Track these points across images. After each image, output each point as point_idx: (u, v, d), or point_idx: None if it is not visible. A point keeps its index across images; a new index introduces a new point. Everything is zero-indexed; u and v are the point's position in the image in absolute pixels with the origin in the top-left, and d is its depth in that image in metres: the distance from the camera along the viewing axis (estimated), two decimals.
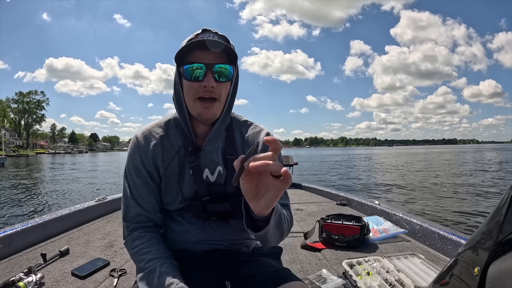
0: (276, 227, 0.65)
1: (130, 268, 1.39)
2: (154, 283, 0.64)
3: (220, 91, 0.70)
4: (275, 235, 0.68)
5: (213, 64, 0.68)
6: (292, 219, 0.78)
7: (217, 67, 0.68)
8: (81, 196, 8.79)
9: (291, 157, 5.28)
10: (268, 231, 0.62)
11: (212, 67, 0.68)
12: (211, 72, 0.68)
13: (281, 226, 0.67)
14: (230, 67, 0.70)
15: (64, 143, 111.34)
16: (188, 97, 0.71)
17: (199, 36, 0.69)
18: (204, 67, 0.68)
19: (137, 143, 0.77)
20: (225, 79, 0.70)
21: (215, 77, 0.68)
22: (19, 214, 6.37)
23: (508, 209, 0.44)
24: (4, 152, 32.32)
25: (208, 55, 0.68)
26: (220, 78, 0.69)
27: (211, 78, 0.68)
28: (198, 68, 0.68)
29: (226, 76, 0.70)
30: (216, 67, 0.68)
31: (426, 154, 45.58)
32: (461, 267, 0.57)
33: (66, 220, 2.02)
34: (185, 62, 0.69)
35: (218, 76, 0.68)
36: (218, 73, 0.68)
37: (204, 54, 0.68)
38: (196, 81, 0.68)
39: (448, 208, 6.49)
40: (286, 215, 0.73)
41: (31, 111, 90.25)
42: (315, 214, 2.48)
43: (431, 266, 1.33)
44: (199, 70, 0.68)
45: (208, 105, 0.70)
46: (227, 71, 0.70)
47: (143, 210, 0.75)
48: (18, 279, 1.16)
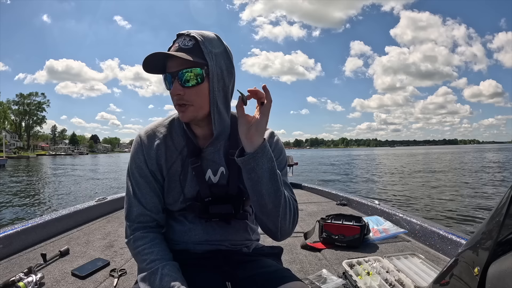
0: (271, 161, 0.67)
1: (130, 268, 1.38)
2: (155, 285, 0.64)
3: (192, 97, 0.68)
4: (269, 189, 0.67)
5: (176, 71, 0.67)
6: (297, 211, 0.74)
7: (181, 73, 0.66)
8: (81, 196, 8.80)
9: (291, 157, 5.30)
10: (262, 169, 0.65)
11: (176, 75, 0.67)
12: (176, 80, 0.67)
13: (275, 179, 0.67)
14: (198, 70, 0.67)
15: (64, 145, 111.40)
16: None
17: (174, 43, 0.69)
18: (170, 76, 0.68)
19: (140, 143, 0.77)
20: (193, 83, 0.67)
21: (181, 84, 0.67)
22: (19, 215, 6.37)
23: (508, 209, 0.44)
24: (5, 154, 32.34)
25: (173, 63, 0.67)
26: (186, 83, 0.67)
27: (177, 86, 0.67)
28: (166, 79, 0.69)
29: (193, 80, 0.67)
30: (180, 74, 0.67)
31: (427, 155, 45.54)
32: (461, 267, 0.57)
33: (66, 220, 2.02)
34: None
35: (184, 82, 0.67)
36: (183, 79, 0.67)
37: (171, 63, 0.68)
38: (170, 90, 0.69)
39: (448, 208, 6.49)
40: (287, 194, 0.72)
41: (32, 112, 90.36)
42: (315, 214, 2.48)
43: (431, 266, 1.33)
44: (167, 81, 0.69)
45: (182, 109, 0.69)
46: (192, 75, 0.67)
47: (146, 210, 0.75)
48: (18, 279, 1.16)
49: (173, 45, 0.69)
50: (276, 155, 0.78)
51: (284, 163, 0.82)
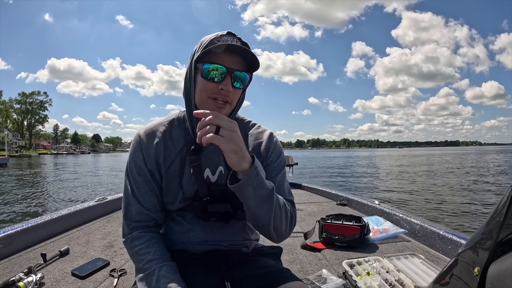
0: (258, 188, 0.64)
1: (130, 268, 1.39)
2: (152, 286, 0.64)
3: (234, 96, 0.71)
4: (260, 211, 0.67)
5: (234, 69, 0.68)
6: (294, 214, 0.77)
7: (237, 73, 0.68)
8: (81, 196, 8.82)
9: (291, 157, 5.30)
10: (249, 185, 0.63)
11: (233, 72, 0.68)
12: (230, 76, 0.68)
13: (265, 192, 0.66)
14: (247, 75, 0.70)
15: (66, 144, 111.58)
16: (201, 94, 0.71)
17: (223, 38, 0.68)
18: (225, 70, 0.67)
19: (139, 141, 0.77)
20: (241, 85, 0.70)
21: (232, 82, 0.68)
22: (19, 214, 6.39)
23: (508, 209, 0.44)
24: (7, 153, 32.42)
25: (230, 59, 0.68)
26: (237, 84, 0.69)
27: (229, 82, 0.68)
28: (218, 70, 0.67)
29: (242, 82, 0.70)
30: (237, 73, 0.68)
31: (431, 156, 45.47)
32: (461, 267, 0.56)
33: (66, 220, 2.02)
34: (205, 60, 0.68)
35: (235, 82, 0.69)
36: (236, 79, 0.69)
37: (227, 57, 0.68)
38: (213, 81, 0.68)
39: (448, 208, 6.48)
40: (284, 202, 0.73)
41: (34, 111, 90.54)
42: (315, 214, 2.48)
43: (431, 266, 1.33)
44: (217, 72, 0.67)
45: (221, 105, 0.70)
46: (245, 79, 0.70)
47: (144, 208, 0.75)
48: (18, 279, 1.16)
49: (221, 40, 0.68)
50: (274, 157, 0.80)
51: (283, 165, 0.82)
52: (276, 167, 0.80)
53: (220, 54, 0.68)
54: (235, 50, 0.67)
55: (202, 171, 0.76)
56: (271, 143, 0.81)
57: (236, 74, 0.68)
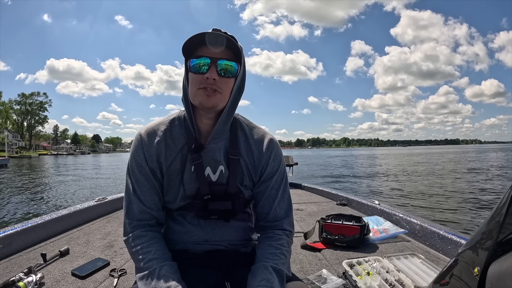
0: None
1: (130, 268, 1.39)
2: (152, 286, 0.64)
3: (223, 85, 0.71)
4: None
5: (217, 58, 0.69)
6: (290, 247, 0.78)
7: (222, 61, 0.69)
8: (81, 196, 8.81)
9: (291, 157, 5.29)
10: None
11: (216, 62, 0.69)
12: (214, 66, 0.69)
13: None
14: (234, 64, 0.71)
15: (66, 145, 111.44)
16: (192, 88, 0.72)
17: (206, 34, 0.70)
18: (209, 61, 0.69)
19: (140, 140, 0.77)
20: (229, 75, 0.71)
21: (218, 71, 0.69)
22: (19, 215, 6.38)
23: (508, 209, 0.44)
24: (7, 154, 32.42)
25: (215, 51, 0.70)
26: (223, 73, 0.70)
27: (214, 71, 0.69)
28: (203, 62, 0.69)
29: (230, 72, 0.71)
30: (221, 61, 0.69)
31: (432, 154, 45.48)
32: (461, 267, 0.56)
33: (66, 220, 2.02)
34: (193, 56, 0.70)
35: (221, 71, 0.70)
36: (222, 68, 0.70)
37: (212, 50, 0.70)
38: (200, 73, 0.70)
39: (448, 208, 6.47)
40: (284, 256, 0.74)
41: (34, 112, 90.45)
42: (315, 214, 2.48)
43: (431, 266, 1.33)
44: (204, 64, 0.69)
45: (210, 93, 0.70)
46: (232, 68, 0.71)
47: (146, 207, 0.75)
48: (18, 279, 1.16)
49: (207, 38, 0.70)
50: (275, 165, 0.80)
51: (283, 172, 0.82)
52: (277, 176, 0.80)
53: (205, 48, 0.70)
54: (213, 38, 0.69)
55: (203, 170, 0.76)
56: (272, 149, 0.81)
57: (220, 63, 0.69)
